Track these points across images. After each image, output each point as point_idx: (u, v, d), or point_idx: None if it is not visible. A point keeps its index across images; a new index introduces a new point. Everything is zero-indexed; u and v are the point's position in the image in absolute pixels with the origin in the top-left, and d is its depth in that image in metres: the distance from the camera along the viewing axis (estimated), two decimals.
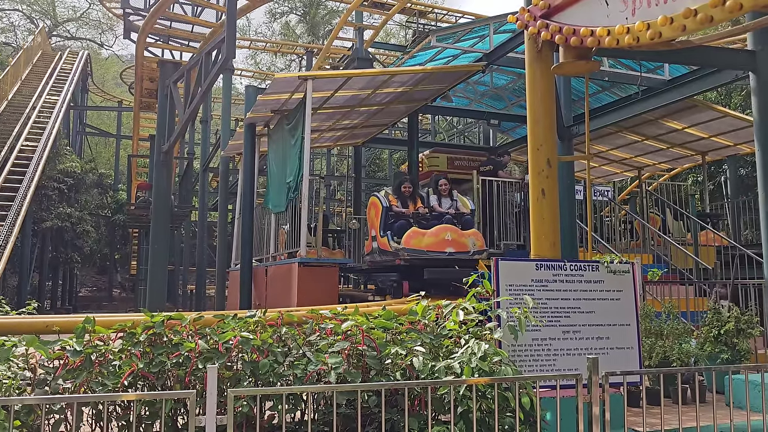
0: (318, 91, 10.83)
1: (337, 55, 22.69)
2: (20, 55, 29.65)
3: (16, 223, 16.29)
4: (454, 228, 9.26)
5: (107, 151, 41.85)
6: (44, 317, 5.76)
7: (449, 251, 8.99)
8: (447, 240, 9.03)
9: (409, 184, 10.10)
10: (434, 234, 9.14)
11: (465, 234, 9.26)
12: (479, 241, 9.29)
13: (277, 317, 4.73)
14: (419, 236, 9.14)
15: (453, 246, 9.03)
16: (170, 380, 4.30)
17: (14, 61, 28.23)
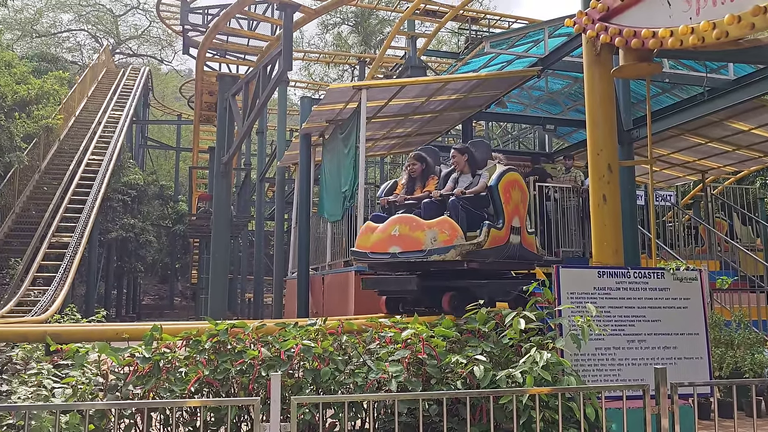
0: (372, 101, 10.91)
1: (389, 64, 22.82)
2: (86, 72, 31.03)
3: (84, 234, 16.99)
4: (410, 219, 6.56)
5: (167, 163, 43.22)
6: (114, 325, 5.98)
7: (393, 251, 6.45)
8: (393, 236, 6.45)
9: (416, 160, 7.19)
10: (382, 229, 6.74)
11: (422, 226, 6.38)
12: (445, 234, 6.23)
13: (337, 325, 4.78)
14: (368, 233, 6.89)
15: (400, 244, 6.42)
16: (234, 387, 4.40)
17: (81, 78, 29.55)
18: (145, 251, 26.23)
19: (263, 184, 23.34)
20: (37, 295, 13.85)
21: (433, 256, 6.13)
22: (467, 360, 4.32)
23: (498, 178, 6.65)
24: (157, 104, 39.43)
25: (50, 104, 19.02)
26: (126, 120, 26.29)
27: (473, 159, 7.02)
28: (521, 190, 7.00)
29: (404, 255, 6.36)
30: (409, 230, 6.44)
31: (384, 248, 6.50)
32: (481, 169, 7.01)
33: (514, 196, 6.76)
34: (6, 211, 17.26)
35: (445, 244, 6.17)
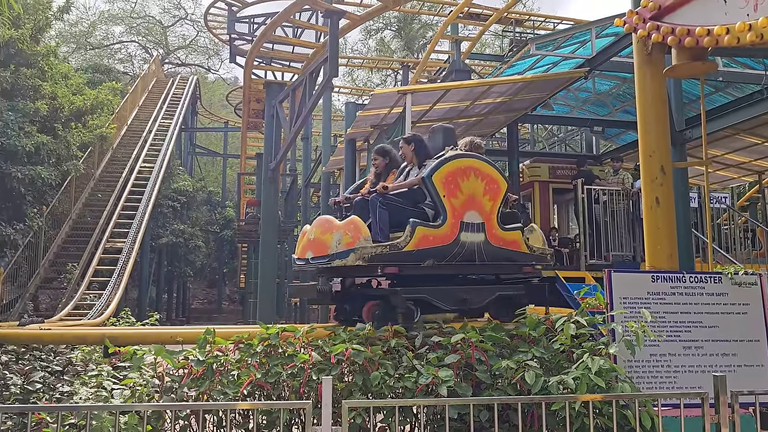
0: (417, 105, 10.94)
1: (433, 68, 22.79)
2: (137, 83, 31.97)
3: (136, 239, 17.49)
4: (325, 221, 5.96)
5: (215, 170, 44.11)
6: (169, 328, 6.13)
7: (307, 256, 5.97)
8: (309, 241, 5.97)
9: (377, 155, 6.45)
10: (302, 233, 6.33)
11: (331, 228, 5.75)
12: (348, 236, 5.51)
13: (386, 330, 4.79)
14: (300, 238, 6.37)
15: (312, 248, 5.90)
16: (285, 390, 4.46)
17: (132, 88, 30.46)
18: (194, 256, 26.80)
19: (309, 189, 23.59)
20: (93, 298, 14.31)
21: (336, 261, 5.51)
22: (518, 365, 4.28)
23: (434, 168, 5.67)
24: (204, 112, 40.30)
25: (104, 114, 19.66)
26: (175, 128, 26.97)
27: (422, 149, 6.09)
28: (484, 178, 5.87)
29: (315, 260, 5.83)
30: (320, 233, 5.82)
31: (302, 253, 6.02)
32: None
33: (466, 187, 5.80)
34: (63, 218, 17.90)
35: (347, 247, 5.45)
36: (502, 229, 5.89)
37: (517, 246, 5.99)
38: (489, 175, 5.91)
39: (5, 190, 13.21)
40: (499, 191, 5.94)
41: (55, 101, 15.36)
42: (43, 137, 13.87)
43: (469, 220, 5.73)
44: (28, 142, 13.20)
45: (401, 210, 5.67)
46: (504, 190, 5.97)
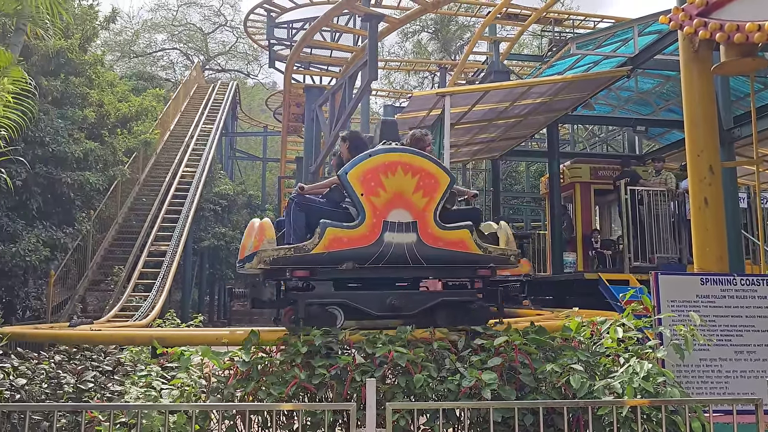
0: (455, 107, 10.91)
1: (470, 69, 22.69)
2: (179, 89, 32.64)
3: (179, 242, 17.84)
4: (251, 224, 5.73)
5: (254, 173, 44.70)
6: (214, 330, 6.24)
7: (242, 260, 5.83)
8: (244, 244, 5.76)
9: (341, 141, 6.05)
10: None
11: (251, 231, 5.64)
12: (257, 239, 5.44)
13: (428, 333, 4.79)
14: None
15: (243, 251, 5.76)
16: (329, 392, 4.50)
17: (175, 95, 31.11)
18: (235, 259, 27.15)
19: None
20: (138, 300, 14.65)
21: (247, 265, 5.44)
22: (562, 369, 4.23)
23: (350, 165, 5.30)
24: (244, 117, 40.89)
25: (148, 120, 20.12)
26: (216, 133, 27.42)
27: (357, 146, 5.72)
28: (416, 173, 5.34)
29: (239, 264, 5.77)
30: (246, 235, 5.64)
31: (242, 255, 5.72)
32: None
33: (391, 184, 5.29)
34: (110, 222, 18.38)
35: (253, 251, 5.30)
36: (441, 228, 5.33)
37: (464, 246, 5.38)
38: (423, 169, 5.37)
39: (56, 195, 13.63)
40: (437, 187, 5.36)
41: (102, 108, 15.79)
42: (91, 143, 14.27)
43: (395, 219, 5.24)
44: (77, 148, 13.60)
45: (319, 211, 5.36)
46: (445, 185, 5.38)
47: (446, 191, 5.39)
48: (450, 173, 5.53)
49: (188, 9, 50.96)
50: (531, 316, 8.38)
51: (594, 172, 13.54)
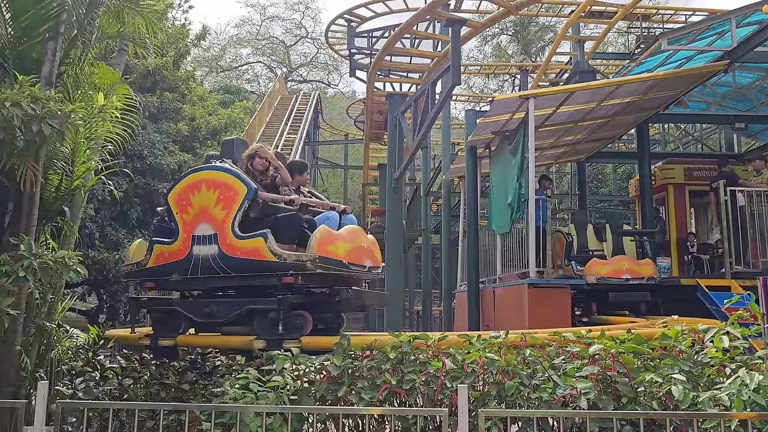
0: (539, 109, 10.71)
1: (552, 71, 22.21)
2: (264, 101, 33.75)
3: None
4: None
5: (336, 181, 45.50)
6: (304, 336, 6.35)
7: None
8: None
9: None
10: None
11: None
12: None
13: (520, 339, 4.72)
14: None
15: None
16: (420, 397, 4.51)
17: (260, 107, 32.19)
18: None
19: (429, 198, 23.70)
20: None
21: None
22: (663, 379, 4.05)
23: (170, 187, 6.13)
24: (325, 126, 41.71)
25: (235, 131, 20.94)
26: (299, 142, 28.13)
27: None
28: (217, 188, 5.73)
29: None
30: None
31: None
32: None
33: (197, 201, 5.75)
34: None
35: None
36: (238, 237, 5.58)
37: (259, 254, 5.51)
38: (224, 183, 5.72)
39: (152, 204, 14.41)
40: (234, 198, 5.64)
41: (194, 122, 16.59)
42: (185, 155, 15.02)
43: (201, 233, 5.70)
44: (172, 160, 14.35)
45: (162, 228, 6.14)
46: (242, 196, 5.64)
47: (244, 201, 5.66)
48: (249, 183, 5.76)
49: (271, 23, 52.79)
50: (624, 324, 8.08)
51: (688, 172, 12.94)
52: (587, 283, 10.04)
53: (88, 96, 5.73)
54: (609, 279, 9.96)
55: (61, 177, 5.62)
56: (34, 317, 5.24)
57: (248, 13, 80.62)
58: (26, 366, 5.03)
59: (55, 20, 5.38)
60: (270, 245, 5.58)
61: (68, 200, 5.77)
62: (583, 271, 10.25)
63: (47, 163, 5.25)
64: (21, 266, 4.49)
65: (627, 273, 9.98)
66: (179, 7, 19.68)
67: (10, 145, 4.43)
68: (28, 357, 5.08)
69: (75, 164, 5.62)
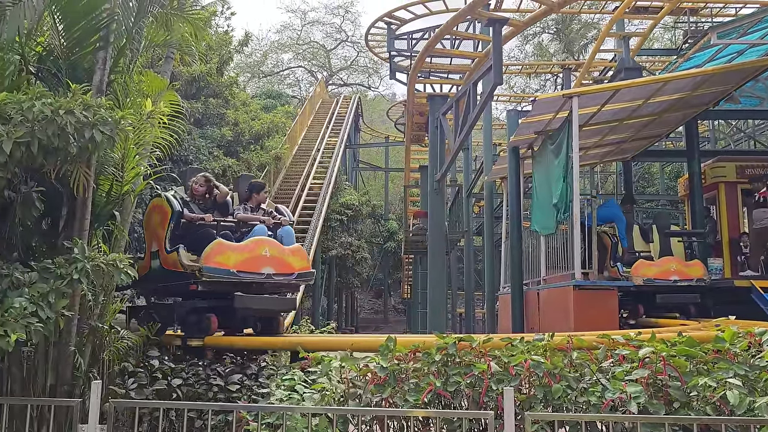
0: (583, 108, 10.52)
1: (596, 68, 21.81)
2: (305, 105, 34.09)
3: (310, 251, 18.56)
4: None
5: (377, 184, 45.65)
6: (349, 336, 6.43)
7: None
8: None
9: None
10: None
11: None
12: None
13: (566, 341, 4.64)
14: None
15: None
16: (464, 400, 4.48)
17: (301, 111, 32.53)
18: (361, 267, 27.87)
19: (470, 199, 23.56)
20: None
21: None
22: (717, 383, 3.93)
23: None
24: (366, 128, 41.90)
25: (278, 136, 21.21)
26: (340, 145, 28.32)
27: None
28: (160, 212, 6.89)
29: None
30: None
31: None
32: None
33: (150, 223, 7.00)
34: None
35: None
36: (167, 252, 6.80)
37: (176, 266, 6.69)
38: (161, 207, 7.03)
39: None
40: (166, 219, 6.86)
41: (237, 127, 16.88)
42: (229, 160, 15.30)
43: (153, 249, 7.17)
44: (217, 164, 14.63)
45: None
46: (169, 216, 6.83)
47: (170, 221, 6.85)
48: (173, 205, 6.87)
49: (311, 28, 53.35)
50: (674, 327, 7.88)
51: (740, 170, 12.52)
52: (634, 284, 9.83)
53: (136, 103, 5.89)
54: (656, 280, 9.77)
55: (112, 182, 5.79)
56: (87, 318, 5.40)
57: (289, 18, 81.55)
58: (80, 366, 5.20)
59: (105, 30, 5.55)
60: (181, 258, 6.51)
61: (118, 205, 5.94)
62: (630, 273, 10.05)
63: (98, 168, 5.41)
64: (75, 269, 4.64)
65: (675, 274, 9.78)
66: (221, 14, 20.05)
67: (64, 152, 4.59)
68: (81, 357, 5.24)
69: (125, 170, 5.78)
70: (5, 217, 5.00)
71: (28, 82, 5.42)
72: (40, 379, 5.04)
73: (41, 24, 5.66)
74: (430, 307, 14.73)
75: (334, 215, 24.91)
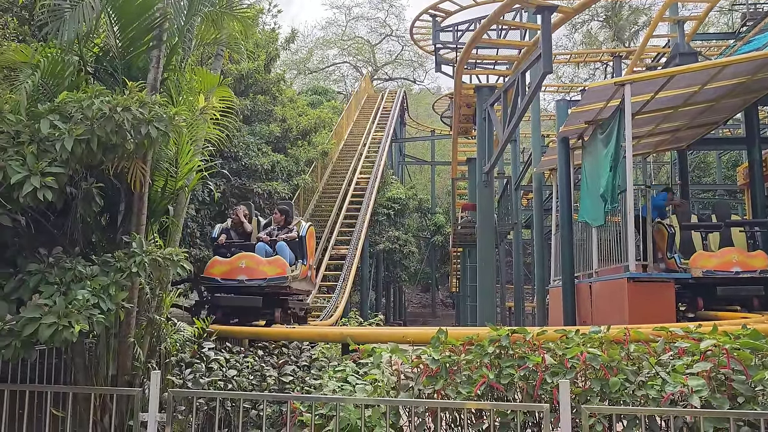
0: (636, 95, 10.24)
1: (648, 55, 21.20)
2: (351, 100, 34.25)
3: (357, 246, 18.68)
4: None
5: (423, 177, 45.51)
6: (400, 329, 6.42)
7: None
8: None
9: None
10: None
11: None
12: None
13: (623, 334, 4.53)
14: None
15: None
16: (518, 393, 4.42)
17: (347, 106, 32.70)
18: (408, 261, 27.85)
19: (519, 192, 23.27)
20: (323, 301, 15.56)
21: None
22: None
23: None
24: (411, 122, 41.82)
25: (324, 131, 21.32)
26: (386, 140, 28.38)
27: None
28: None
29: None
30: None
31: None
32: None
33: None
34: None
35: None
36: None
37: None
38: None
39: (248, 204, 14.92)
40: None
41: (285, 123, 17.03)
42: (277, 156, 15.45)
43: None
44: (265, 160, 14.79)
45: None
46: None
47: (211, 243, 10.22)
48: (212, 233, 10.09)
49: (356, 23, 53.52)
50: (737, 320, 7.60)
51: None
52: (692, 276, 9.53)
53: (189, 100, 6.01)
54: (717, 272, 9.46)
55: (166, 178, 5.92)
56: (145, 311, 5.55)
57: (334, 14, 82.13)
58: (139, 357, 5.35)
59: (158, 30, 5.67)
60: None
61: (173, 200, 6.07)
62: (687, 265, 9.75)
63: (154, 164, 5.54)
64: (134, 262, 4.77)
65: (737, 266, 9.44)
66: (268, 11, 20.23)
67: (122, 148, 4.71)
68: (140, 348, 5.40)
69: (179, 165, 5.90)
70: (67, 212, 5.16)
71: (86, 82, 5.59)
72: (102, 369, 5.21)
73: (98, 25, 5.82)
74: (479, 300, 14.60)
75: (381, 209, 24.96)
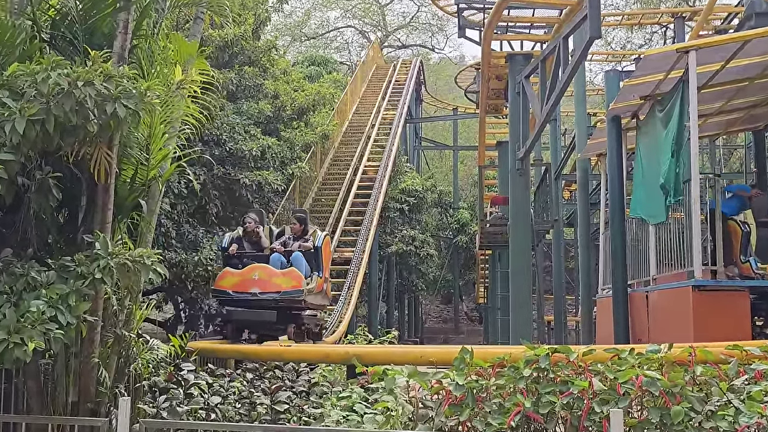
0: (702, 65, 10.20)
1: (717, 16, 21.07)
2: (356, 72, 34.24)
3: (365, 248, 18.66)
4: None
5: (443, 165, 45.45)
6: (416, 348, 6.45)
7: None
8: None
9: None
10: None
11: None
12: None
13: (687, 354, 4.53)
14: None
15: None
16: (560, 424, 4.42)
17: (351, 79, 32.68)
18: (426, 266, 27.75)
19: (560, 182, 23.12)
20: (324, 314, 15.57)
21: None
22: None
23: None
24: (429, 98, 41.70)
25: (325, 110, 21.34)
26: (399, 120, 28.28)
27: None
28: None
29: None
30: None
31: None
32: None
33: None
34: None
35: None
36: None
37: None
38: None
39: (233, 198, 14.96)
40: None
41: (277, 100, 17.06)
42: (268, 139, 15.45)
43: None
44: (254, 145, 14.79)
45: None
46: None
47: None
48: (221, 243, 11.30)
49: None
50: None
51: None
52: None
53: (163, 73, 6.03)
54: None
55: (136, 166, 5.95)
56: (111, 326, 5.59)
57: None
58: (105, 381, 5.39)
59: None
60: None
61: (144, 192, 6.10)
62: (765, 270, 9.71)
63: (121, 150, 5.58)
64: (97, 267, 4.80)
65: None
66: None
67: (83, 131, 4.74)
68: (106, 370, 5.44)
69: (151, 152, 5.93)
70: (18, 207, 5.21)
71: (41, 51, 5.61)
72: (60, 395, 5.26)
73: None
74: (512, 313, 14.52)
75: (393, 204, 24.94)
